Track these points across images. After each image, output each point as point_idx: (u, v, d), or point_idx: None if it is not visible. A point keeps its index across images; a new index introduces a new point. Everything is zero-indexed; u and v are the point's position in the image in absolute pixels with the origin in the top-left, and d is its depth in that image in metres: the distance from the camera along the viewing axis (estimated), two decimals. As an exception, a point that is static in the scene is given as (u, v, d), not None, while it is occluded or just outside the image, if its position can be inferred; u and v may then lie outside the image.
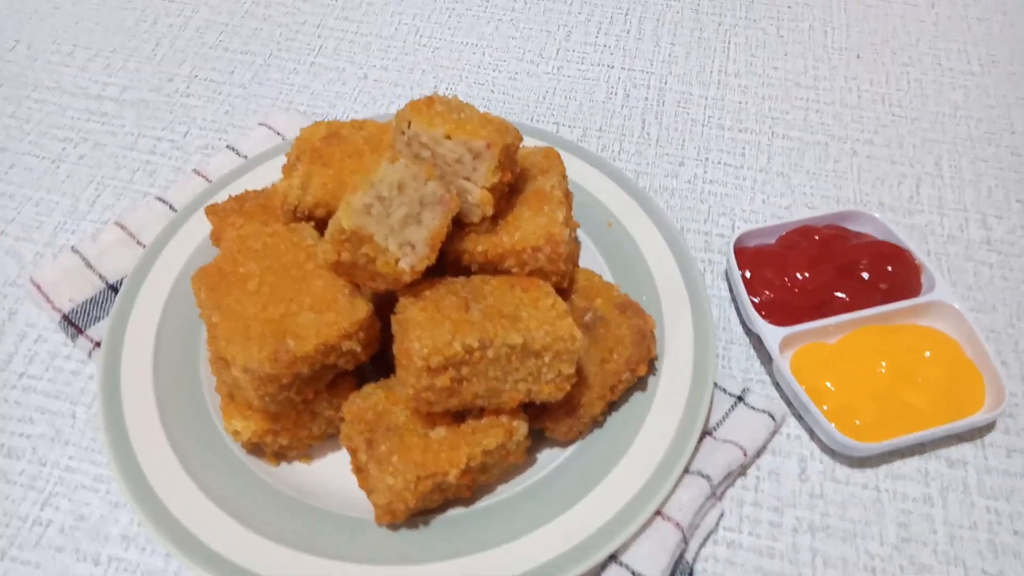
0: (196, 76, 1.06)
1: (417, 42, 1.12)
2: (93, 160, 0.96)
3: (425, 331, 0.57)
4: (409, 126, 0.63)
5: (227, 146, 0.94)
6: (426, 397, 0.58)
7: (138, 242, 0.84)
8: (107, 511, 0.69)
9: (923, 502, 0.70)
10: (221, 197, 0.81)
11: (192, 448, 0.66)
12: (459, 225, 0.65)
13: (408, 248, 0.59)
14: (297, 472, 0.67)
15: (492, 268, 0.66)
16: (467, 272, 0.66)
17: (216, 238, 0.75)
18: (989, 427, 0.75)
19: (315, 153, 0.70)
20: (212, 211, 0.75)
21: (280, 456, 0.67)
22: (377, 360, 0.67)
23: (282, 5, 1.17)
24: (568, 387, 0.61)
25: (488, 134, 0.61)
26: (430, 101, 0.64)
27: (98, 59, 1.08)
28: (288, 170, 0.72)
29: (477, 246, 0.65)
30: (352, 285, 0.62)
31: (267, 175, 0.85)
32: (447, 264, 0.66)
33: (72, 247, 0.83)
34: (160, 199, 0.88)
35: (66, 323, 0.78)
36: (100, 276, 0.81)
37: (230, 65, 1.08)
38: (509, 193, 0.68)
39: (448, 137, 0.62)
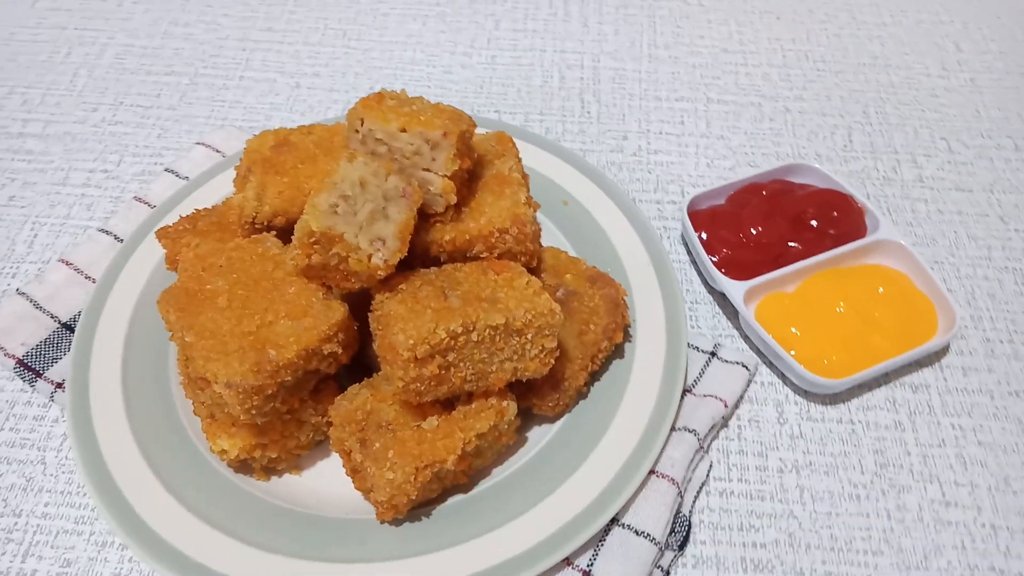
0: (122, 103, 1.03)
1: (346, 45, 1.11)
2: (24, 200, 0.92)
3: (408, 322, 0.57)
4: (362, 124, 0.63)
5: (166, 169, 0.91)
6: (415, 388, 0.58)
7: (87, 277, 0.81)
8: (94, 552, 0.66)
9: (894, 428, 0.74)
10: (168, 220, 0.79)
11: (179, 476, 0.64)
12: (424, 217, 0.65)
13: (379, 243, 0.59)
14: (289, 484, 0.66)
15: (461, 255, 0.66)
16: (437, 263, 0.67)
17: (171, 261, 0.73)
18: (944, 351, 0.79)
19: (266, 163, 0.69)
20: (164, 234, 0.73)
21: (269, 471, 0.66)
22: (353, 363, 0.67)
23: (201, 23, 1.14)
24: (552, 361, 0.62)
25: (443, 123, 0.62)
26: (380, 97, 0.64)
27: (13, 96, 1.04)
28: (241, 182, 0.70)
29: (444, 235, 0.65)
30: (324, 288, 0.62)
31: (212, 193, 0.83)
32: (416, 257, 0.66)
33: (17, 290, 0.80)
34: (103, 230, 0.85)
35: (22, 368, 0.75)
36: (52, 316, 0.78)
37: (156, 88, 1.05)
38: (468, 180, 0.68)
39: (403, 130, 0.62)
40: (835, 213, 0.84)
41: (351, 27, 1.13)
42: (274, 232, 0.67)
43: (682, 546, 0.66)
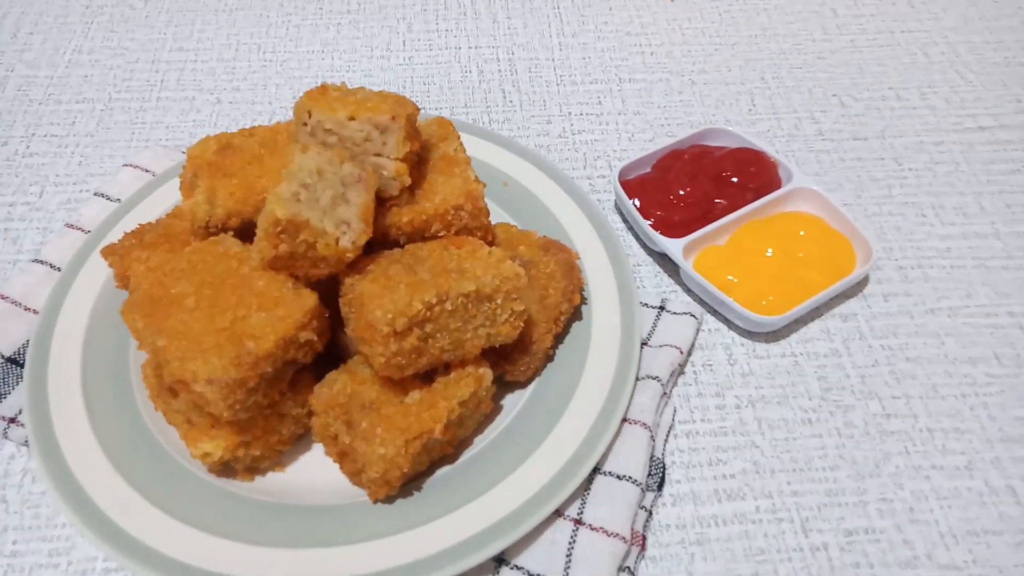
0: (34, 134, 1.00)
1: (262, 58, 1.11)
2: (-58, 240, 0.88)
3: (383, 298, 0.58)
4: (310, 116, 0.64)
5: (95, 193, 0.89)
6: (397, 362, 0.60)
7: (26, 308, 0.79)
8: (75, 582, 0.65)
9: (832, 355, 0.80)
10: (107, 242, 0.78)
11: (163, 489, 0.63)
12: (380, 202, 0.67)
13: (344, 226, 0.60)
14: (274, 482, 0.66)
15: (419, 236, 0.68)
16: (396, 245, 0.68)
17: (122, 278, 0.72)
18: (865, 281, 0.86)
19: (212, 167, 0.69)
20: (110, 252, 0.72)
21: (253, 470, 0.66)
22: (325, 354, 0.68)
23: (107, 49, 1.12)
24: (521, 324, 0.65)
25: (390, 107, 0.64)
26: (323, 89, 0.66)
27: (-87, 137, 0.99)
28: (188, 189, 0.70)
29: (402, 218, 0.67)
30: (292, 278, 0.62)
31: (149, 211, 0.82)
32: (376, 242, 0.68)
33: (-49, 330, 0.76)
34: (38, 260, 0.82)
35: (-31, 408, 0.72)
36: (-6, 352, 0.75)
37: (68, 117, 1.02)
38: (418, 163, 0.70)
39: (352, 118, 0.63)
40: (752, 168, 0.91)
41: (264, 40, 1.13)
42: (231, 233, 0.67)
43: (660, 486, 0.70)
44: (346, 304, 0.62)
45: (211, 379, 0.56)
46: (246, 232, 0.67)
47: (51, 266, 0.82)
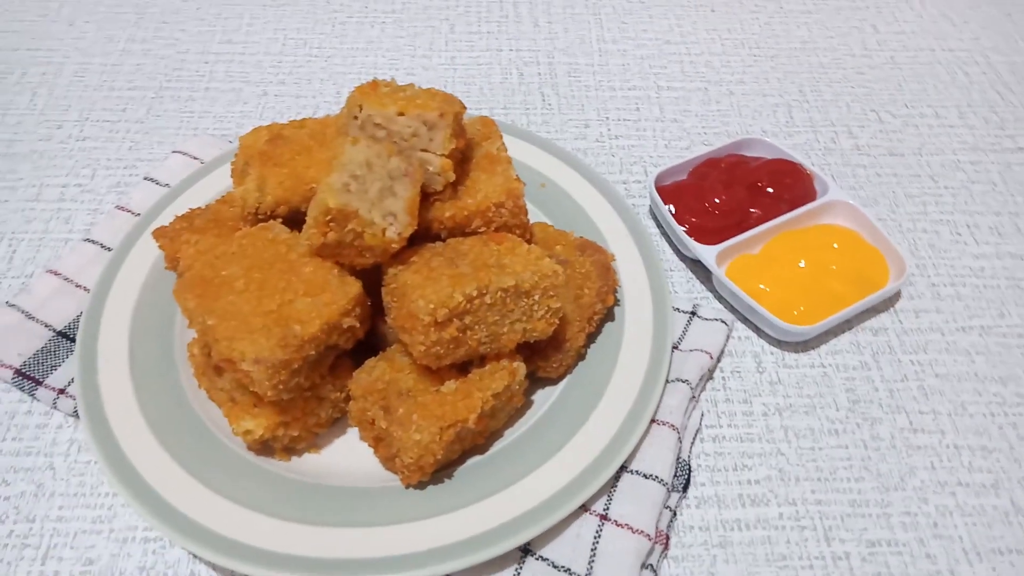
0: (87, 119, 1.03)
1: (308, 54, 1.13)
2: (-3, 217, 0.91)
3: (426, 289, 0.60)
4: (361, 110, 0.66)
5: (145, 178, 0.92)
6: (436, 352, 0.61)
7: (77, 285, 0.82)
8: (116, 549, 0.67)
9: (861, 368, 0.81)
10: (157, 224, 0.81)
11: (203, 463, 0.65)
12: (424, 196, 0.69)
13: (391, 218, 0.62)
14: (309, 463, 0.68)
15: (460, 231, 0.70)
16: (438, 239, 0.70)
17: (171, 260, 0.74)
18: (897, 296, 0.87)
19: (263, 156, 0.71)
20: (161, 234, 0.75)
21: (290, 450, 0.68)
22: (363, 342, 0.70)
23: (159, 39, 1.15)
24: (556, 321, 0.66)
25: (438, 105, 0.66)
26: (374, 84, 0.68)
27: (-28, 117, 1.02)
28: (239, 176, 0.73)
29: (444, 212, 0.69)
30: (339, 265, 0.64)
31: (197, 197, 0.85)
32: (418, 235, 0.70)
33: (7, 302, 0.79)
34: (89, 240, 0.85)
35: (20, 378, 0.75)
36: (46, 325, 0.78)
37: (120, 103, 1.05)
38: (462, 160, 0.72)
39: (401, 114, 0.65)
40: (788, 180, 0.91)
41: (310, 36, 1.16)
42: (279, 220, 0.69)
43: (685, 488, 0.71)
44: (388, 293, 0.64)
45: (258, 359, 0.58)
46: (293, 220, 0.70)
47: (101, 246, 0.85)
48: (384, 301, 0.65)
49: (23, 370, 0.75)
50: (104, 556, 0.67)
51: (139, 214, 0.86)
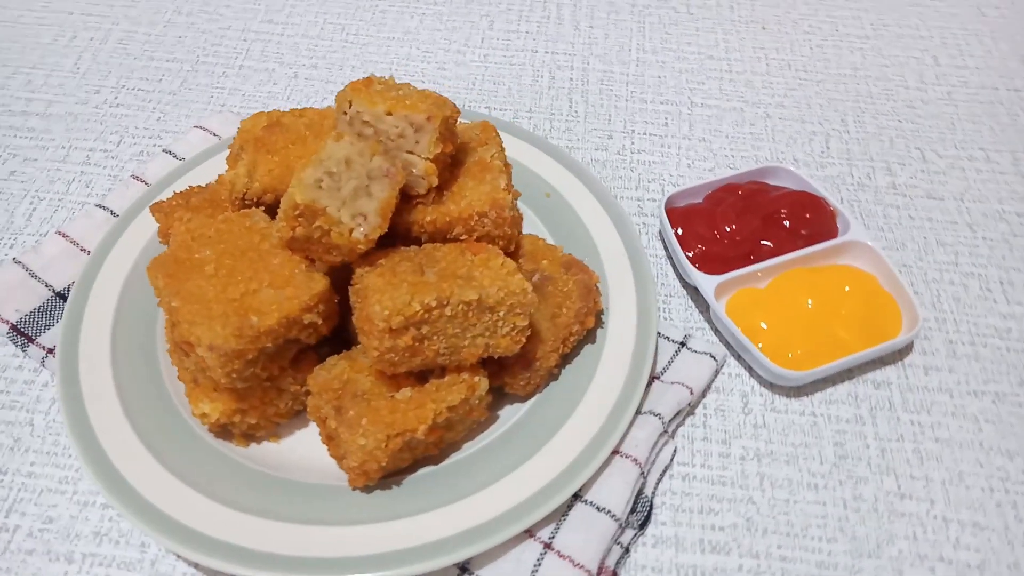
0: (123, 87, 1.06)
1: (344, 39, 1.14)
2: (25, 175, 0.95)
3: (384, 294, 0.59)
4: (350, 106, 0.65)
5: (163, 150, 0.94)
6: (390, 358, 0.61)
7: (82, 249, 0.84)
8: (76, 511, 0.69)
9: (855, 422, 0.76)
10: (163, 197, 0.82)
11: (162, 439, 0.67)
12: (407, 198, 0.68)
13: (360, 219, 0.61)
14: (267, 451, 0.69)
15: (441, 237, 0.69)
16: (417, 243, 0.69)
17: (164, 235, 0.75)
18: (908, 349, 0.81)
19: (258, 142, 0.72)
20: (157, 208, 0.76)
21: (249, 437, 0.68)
22: (334, 337, 0.70)
23: (204, 13, 1.18)
24: (523, 340, 0.65)
25: (427, 107, 0.65)
26: (368, 81, 0.67)
27: (18, 76, 1.07)
28: (233, 160, 0.73)
29: (426, 216, 0.68)
30: (308, 261, 0.64)
31: (207, 173, 0.86)
32: (398, 236, 0.69)
33: (13, 259, 0.82)
34: (100, 206, 0.88)
35: (15, 333, 0.78)
36: (47, 285, 0.81)
37: (157, 73, 1.08)
38: (451, 165, 0.71)
39: (389, 113, 0.65)
40: (807, 214, 0.87)
41: (350, 22, 1.16)
42: (263, 208, 0.70)
43: (643, 525, 0.68)
44: (354, 293, 0.64)
45: (212, 346, 0.59)
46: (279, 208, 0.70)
47: (112, 213, 0.87)
48: (351, 300, 0.65)
49: (18, 326, 0.78)
50: (64, 516, 0.68)
51: (151, 184, 0.88)
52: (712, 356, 0.78)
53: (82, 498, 0.70)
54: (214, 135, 0.96)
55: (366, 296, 0.61)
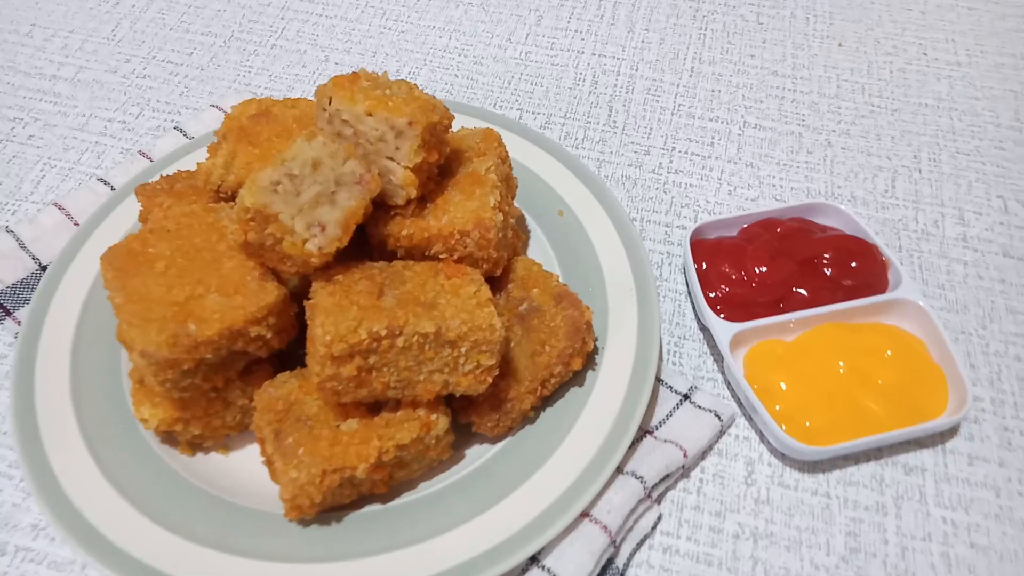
0: (154, 57, 1.04)
1: (383, 25, 1.08)
2: (41, 141, 0.94)
3: (330, 317, 0.53)
4: (330, 102, 0.60)
5: (175, 127, 0.91)
6: (332, 387, 0.55)
7: (75, 223, 0.82)
8: (19, 499, 0.66)
9: (875, 511, 0.66)
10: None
11: (103, 436, 0.63)
12: (385, 208, 0.62)
13: (317, 229, 0.55)
14: (212, 463, 0.64)
15: (419, 253, 0.63)
16: (393, 257, 0.63)
17: (144, 219, 0.72)
18: (951, 432, 0.70)
19: (242, 131, 0.67)
20: (142, 191, 0.72)
21: (195, 446, 0.64)
22: (296, 348, 0.64)
23: (249, -13, 1.14)
24: (489, 379, 0.58)
25: (411, 111, 0.58)
26: (355, 77, 0.61)
27: (56, 39, 1.06)
28: (214, 148, 0.69)
29: (402, 230, 0.62)
30: (264, 267, 0.59)
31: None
32: (373, 248, 0.63)
33: (7, 227, 0.81)
34: (102, 180, 0.85)
35: (-6, 305, 0.76)
36: (33, 258, 0.79)
37: (189, 47, 1.05)
38: (440, 175, 0.64)
39: (369, 114, 0.58)
40: (854, 263, 0.76)
41: (391, 7, 1.11)
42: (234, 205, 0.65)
43: (610, 599, 0.61)
44: (308, 308, 0.58)
45: (144, 352, 0.54)
46: (253, 205, 0.65)
47: (112, 188, 0.85)
48: (307, 315, 0.59)
49: (-2, 298, 0.76)
50: (7, 504, 0.66)
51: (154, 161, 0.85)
52: (717, 415, 0.69)
53: (26, 487, 0.67)
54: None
55: (313, 316, 0.55)
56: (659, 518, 0.65)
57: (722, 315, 0.74)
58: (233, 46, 1.05)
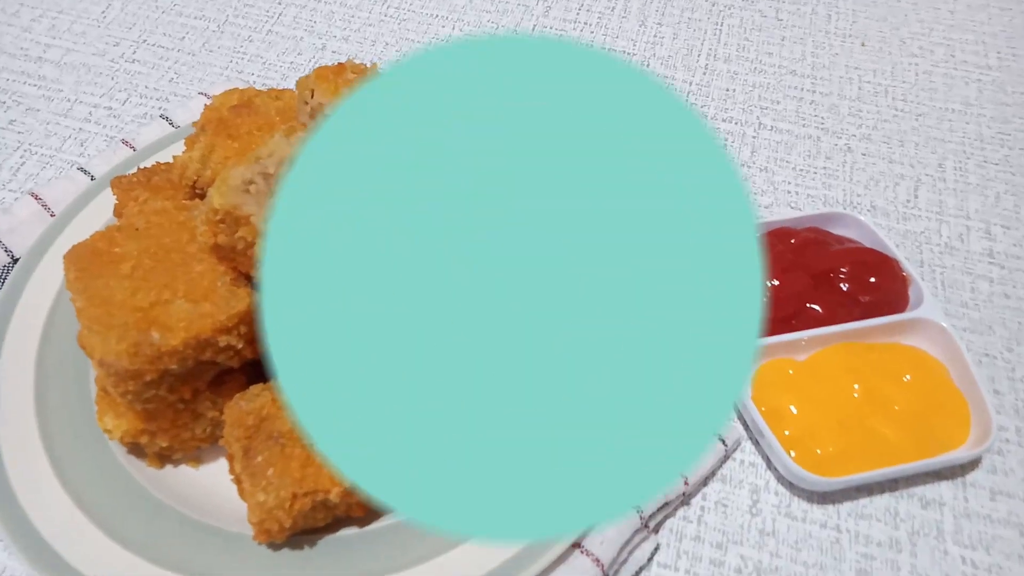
0: (144, 41, 1.00)
1: (384, 13, 1.04)
2: (23, 126, 0.90)
3: (302, 329, 0.49)
4: (313, 95, 0.55)
5: (161, 115, 0.87)
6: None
7: (52, 214, 0.78)
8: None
9: (889, 547, 0.61)
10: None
11: (66, 445, 0.59)
12: (368, 210, 0.57)
13: (293, 233, 0.51)
14: (182, 476, 0.60)
15: (405, 260, 0.58)
16: (377, 263, 0.59)
17: (119, 213, 0.68)
18: (973, 465, 0.66)
19: (220, 124, 0.63)
20: (117, 184, 0.68)
21: (163, 458, 0.60)
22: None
23: (246, -31, 1.10)
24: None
25: (398, 107, 0.53)
26: (340, 68, 0.57)
27: (43, 20, 1.02)
28: (192, 141, 0.65)
29: (387, 234, 0.57)
30: (236, 272, 0.55)
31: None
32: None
33: (-21, 218, 0.77)
34: (82, 169, 0.81)
35: (-38, 299, 0.72)
36: (6, 250, 0.75)
37: (181, 31, 1.01)
38: (430, 176, 0.60)
39: (354, 108, 0.54)
40: (872, 278, 0.72)
41: (394, -6, 1.06)
42: (209, 201, 0.61)
43: (600, 635, 0.56)
44: (283, 318, 0.54)
45: (103, 361, 0.50)
46: (231, 203, 0.61)
47: (92, 177, 0.80)
48: (282, 324, 0.55)
49: (-34, 292, 0.72)
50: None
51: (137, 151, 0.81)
52: (722, 440, 0.64)
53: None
54: (217, 105, 0.88)
55: (286, 327, 0.51)
56: (656, 548, 0.61)
57: (730, 330, 0.69)
58: (227, 31, 1.01)
